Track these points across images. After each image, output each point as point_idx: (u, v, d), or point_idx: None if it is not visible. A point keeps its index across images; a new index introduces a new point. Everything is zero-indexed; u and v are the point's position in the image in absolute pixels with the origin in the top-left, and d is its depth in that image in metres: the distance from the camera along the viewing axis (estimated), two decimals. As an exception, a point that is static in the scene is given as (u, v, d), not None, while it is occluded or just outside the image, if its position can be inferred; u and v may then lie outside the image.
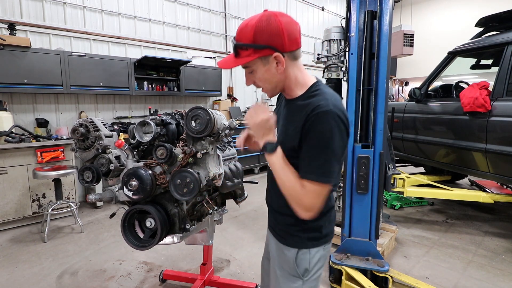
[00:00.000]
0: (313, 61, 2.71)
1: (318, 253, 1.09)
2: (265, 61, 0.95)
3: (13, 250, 2.94)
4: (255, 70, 0.98)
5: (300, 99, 1.00)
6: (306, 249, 1.08)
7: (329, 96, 0.95)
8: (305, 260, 1.08)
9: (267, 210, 1.22)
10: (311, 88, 1.00)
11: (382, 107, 2.09)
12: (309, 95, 0.98)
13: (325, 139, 0.90)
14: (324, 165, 0.90)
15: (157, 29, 5.32)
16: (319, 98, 0.95)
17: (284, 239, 1.11)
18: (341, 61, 2.53)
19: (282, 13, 0.93)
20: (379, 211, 2.21)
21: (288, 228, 1.10)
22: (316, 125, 0.90)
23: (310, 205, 0.94)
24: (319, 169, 0.90)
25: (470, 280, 2.40)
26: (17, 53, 3.53)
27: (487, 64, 3.81)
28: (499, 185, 3.73)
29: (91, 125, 1.62)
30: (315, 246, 1.08)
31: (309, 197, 0.93)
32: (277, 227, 1.15)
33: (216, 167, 1.49)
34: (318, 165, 0.91)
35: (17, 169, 3.41)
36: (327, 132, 0.89)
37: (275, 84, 1.01)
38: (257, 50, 0.93)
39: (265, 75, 0.97)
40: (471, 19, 3.98)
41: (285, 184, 0.96)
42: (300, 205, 0.94)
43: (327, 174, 0.91)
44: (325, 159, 0.90)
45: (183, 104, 5.74)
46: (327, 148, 0.90)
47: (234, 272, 2.55)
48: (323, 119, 0.90)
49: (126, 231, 1.46)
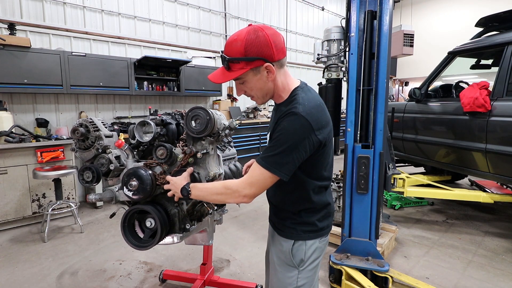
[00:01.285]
0: (313, 61, 2.71)
1: (314, 245, 1.17)
2: (256, 71, 1.03)
3: (13, 250, 2.94)
4: (246, 81, 1.06)
5: (283, 104, 1.09)
6: (301, 241, 1.15)
7: (303, 100, 1.03)
8: (301, 251, 1.15)
9: (267, 210, 1.28)
10: (292, 94, 1.09)
11: (382, 107, 2.09)
12: (290, 101, 1.07)
13: (286, 135, 0.98)
14: (276, 157, 0.98)
15: (157, 29, 5.32)
16: (293, 103, 1.03)
17: (281, 231, 1.20)
18: (341, 61, 2.53)
19: (266, 26, 1.03)
20: (379, 211, 2.21)
21: (284, 221, 1.19)
22: (281, 123, 1.00)
23: (242, 188, 1.03)
24: (271, 158, 0.99)
25: (470, 280, 2.40)
26: (17, 53, 3.53)
27: (487, 64, 3.81)
28: (499, 185, 3.73)
29: (91, 125, 1.62)
30: (310, 239, 1.16)
31: (243, 181, 1.03)
32: (275, 220, 1.24)
33: (216, 167, 1.49)
34: (272, 155, 0.99)
35: (17, 169, 3.41)
36: (290, 129, 0.98)
37: (266, 92, 1.09)
38: (249, 62, 1.00)
39: (257, 84, 1.05)
40: (471, 19, 3.98)
41: (216, 195, 1.08)
42: (235, 192, 1.04)
43: (276, 166, 0.99)
44: (280, 152, 0.98)
45: (183, 104, 5.74)
46: (285, 143, 0.97)
47: (234, 272, 2.55)
48: (289, 119, 0.99)
49: (126, 231, 1.46)
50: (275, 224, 1.24)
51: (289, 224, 1.17)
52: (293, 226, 1.17)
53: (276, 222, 1.24)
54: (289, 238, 1.17)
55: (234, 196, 1.04)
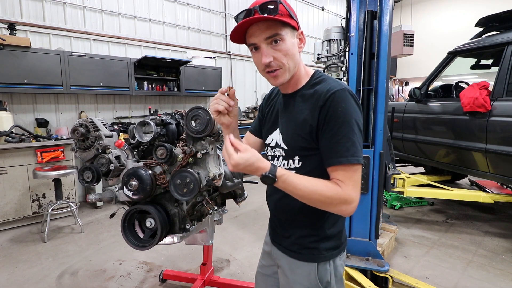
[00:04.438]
0: (313, 61, 2.71)
1: (339, 261, 0.99)
2: (293, 33, 0.87)
3: (13, 250, 2.94)
4: (284, 40, 0.84)
5: (305, 88, 0.94)
6: (326, 261, 0.96)
7: (335, 80, 0.91)
8: (326, 272, 0.96)
9: (267, 210, 1.14)
10: (313, 76, 0.95)
11: (382, 107, 2.09)
12: (314, 83, 0.92)
13: (349, 116, 0.82)
14: (353, 146, 0.82)
15: (157, 29, 5.32)
16: (327, 82, 0.89)
17: (300, 254, 0.97)
18: (341, 61, 2.53)
19: None
20: (379, 211, 2.21)
21: (302, 240, 0.97)
22: (337, 104, 0.82)
23: (352, 194, 0.81)
24: (349, 151, 0.81)
25: (470, 280, 2.40)
26: (17, 53, 3.53)
27: (487, 64, 3.81)
28: (499, 185, 3.73)
29: (91, 125, 1.62)
30: (335, 256, 0.97)
31: (348, 186, 0.81)
32: (288, 241, 1.00)
33: (216, 167, 1.48)
34: (346, 147, 0.81)
35: (17, 169, 3.40)
36: (349, 108, 0.83)
37: (295, 63, 0.89)
38: (291, 19, 0.84)
39: (293, 49, 0.87)
40: (471, 19, 3.98)
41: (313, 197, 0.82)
42: (342, 202, 0.81)
43: (358, 154, 0.82)
44: (352, 139, 0.82)
45: (183, 104, 5.74)
46: (353, 126, 0.82)
47: (234, 272, 2.55)
48: (343, 97, 0.83)
49: (126, 231, 1.46)
50: (287, 247, 1.01)
51: (309, 243, 0.96)
52: (315, 244, 0.95)
53: (288, 243, 1.00)
54: (310, 261, 0.95)
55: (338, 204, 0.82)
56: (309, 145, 0.89)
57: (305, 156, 0.91)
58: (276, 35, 0.82)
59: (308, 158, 0.91)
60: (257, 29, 0.83)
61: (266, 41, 0.84)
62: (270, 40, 0.83)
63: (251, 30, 0.85)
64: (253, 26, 0.84)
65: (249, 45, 0.88)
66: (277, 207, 1.03)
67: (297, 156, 0.92)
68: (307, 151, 0.90)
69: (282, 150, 0.97)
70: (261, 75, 0.92)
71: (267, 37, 0.83)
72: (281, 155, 0.97)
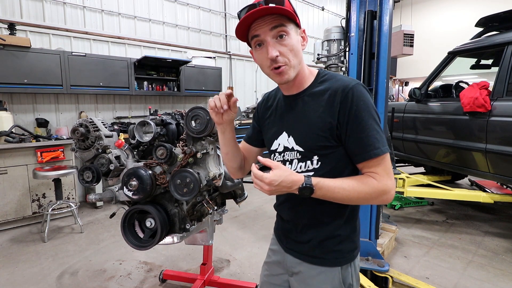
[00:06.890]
0: (313, 61, 2.71)
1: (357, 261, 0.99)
2: (296, 30, 0.86)
3: (13, 250, 2.94)
4: (289, 35, 0.83)
5: (312, 87, 0.92)
6: (347, 264, 0.94)
7: (343, 75, 0.91)
8: (348, 274, 0.95)
9: (267, 210, 1.18)
10: (319, 75, 0.94)
11: (382, 107, 2.09)
12: (321, 81, 0.91)
13: (371, 108, 0.84)
14: (377, 136, 0.83)
15: (157, 29, 5.32)
16: (338, 78, 0.88)
17: (323, 259, 0.94)
18: (341, 61, 2.53)
19: None
20: (379, 211, 2.21)
21: (325, 244, 0.93)
22: (359, 99, 0.82)
23: (388, 183, 0.83)
24: (379, 142, 0.82)
25: (470, 280, 2.40)
26: (17, 53, 3.53)
27: (487, 64, 3.81)
28: (499, 185, 3.73)
29: (91, 125, 1.62)
30: (355, 257, 0.96)
31: (383, 177, 0.82)
32: (307, 246, 0.96)
33: (216, 167, 1.49)
34: (377, 139, 0.82)
35: (17, 169, 3.40)
36: (369, 101, 0.84)
37: (299, 60, 0.88)
38: (296, 15, 0.84)
39: (297, 45, 0.86)
40: (471, 19, 3.98)
41: (353, 197, 0.82)
42: (381, 194, 0.82)
43: (385, 143, 0.84)
44: (377, 130, 0.83)
45: (183, 104, 5.74)
46: (375, 118, 0.84)
47: (234, 272, 2.55)
48: (362, 91, 0.84)
49: (126, 231, 1.46)
50: (309, 252, 0.95)
51: (332, 246, 0.92)
52: (338, 247, 0.92)
53: (308, 249, 0.95)
54: (334, 265, 0.92)
55: (379, 196, 0.83)
56: (329, 143, 0.87)
57: (324, 155, 0.88)
58: (281, 26, 0.81)
59: (327, 157, 0.89)
60: (262, 22, 0.82)
61: (272, 33, 0.82)
62: (276, 34, 0.82)
63: (255, 24, 0.83)
64: (258, 20, 0.82)
65: (252, 40, 0.86)
66: (298, 213, 0.97)
67: (315, 156, 0.89)
68: (326, 149, 0.88)
69: (296, 153, 0.92)
70: (265, 73, 0.89)
71: (273, 27, 0.81)
72: (295, 158, 0.92)
